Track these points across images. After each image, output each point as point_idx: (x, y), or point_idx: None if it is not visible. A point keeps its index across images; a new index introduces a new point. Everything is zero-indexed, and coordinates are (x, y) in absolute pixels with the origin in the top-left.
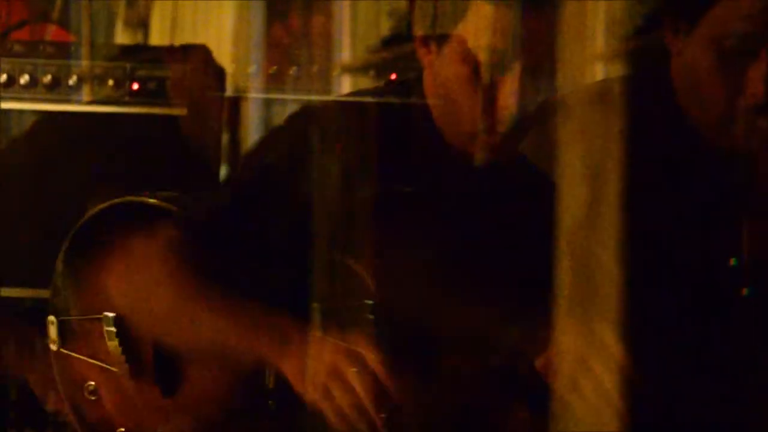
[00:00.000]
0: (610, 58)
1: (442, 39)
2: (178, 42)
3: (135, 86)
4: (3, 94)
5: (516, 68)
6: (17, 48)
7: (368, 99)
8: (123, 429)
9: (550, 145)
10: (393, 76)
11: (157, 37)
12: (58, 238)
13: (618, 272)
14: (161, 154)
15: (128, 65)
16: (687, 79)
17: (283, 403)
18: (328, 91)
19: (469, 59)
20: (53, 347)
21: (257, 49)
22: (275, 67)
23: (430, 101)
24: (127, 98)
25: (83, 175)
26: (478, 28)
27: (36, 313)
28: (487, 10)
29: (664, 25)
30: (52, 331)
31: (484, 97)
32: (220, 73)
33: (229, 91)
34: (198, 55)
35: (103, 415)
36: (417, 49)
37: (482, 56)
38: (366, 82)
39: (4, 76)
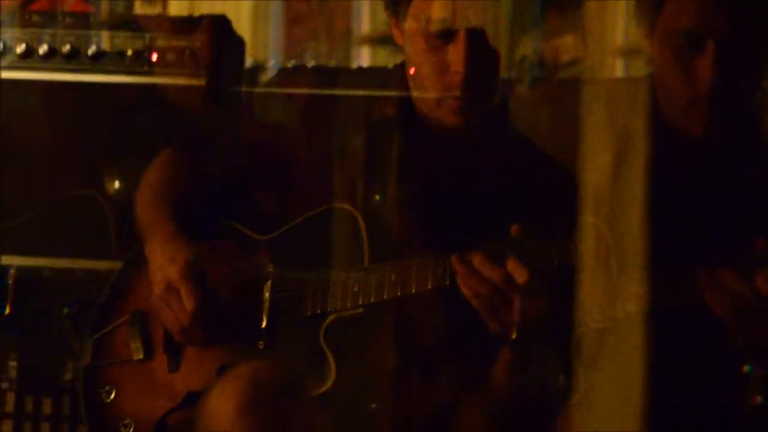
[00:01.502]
0: (630, 53)
1: (403, 19)
2: (196, 13)
3: (154, 57)
4: (22, 65)
5: (461, 36)
6: (36, 18)
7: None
8: (129, 420)
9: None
10: None
11: (176, 7)
12: (70, 208)
13: (644, 231)
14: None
15: (147, 36)
16: (657, 76)
17: (272, 343)
18: (346, 62)
19: (422, 31)
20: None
21: (276, 19)
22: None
23: (409, 79)
24: (146, 69)
25: (100, 145)
26: (425, 1)
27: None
28: None
29: (641, 31)
30: (88, 350)
31: (437, 64)
32: (239, 44)
33: (248, 62)
34: (217, 25)
35: (115, 412)
36: (393, 35)
37: (431, 27)
38: (384, 54)
39: (23, 47)
